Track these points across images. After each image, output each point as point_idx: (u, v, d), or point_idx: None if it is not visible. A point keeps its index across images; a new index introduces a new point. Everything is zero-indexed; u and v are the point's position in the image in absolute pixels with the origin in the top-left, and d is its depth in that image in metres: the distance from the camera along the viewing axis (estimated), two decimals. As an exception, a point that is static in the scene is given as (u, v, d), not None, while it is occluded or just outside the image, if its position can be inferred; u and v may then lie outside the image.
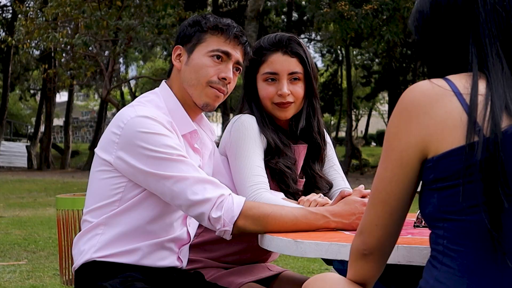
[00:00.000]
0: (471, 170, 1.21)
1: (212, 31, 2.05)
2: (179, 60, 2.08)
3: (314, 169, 2.33)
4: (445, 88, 1.27)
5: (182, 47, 2.08)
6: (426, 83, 1.30)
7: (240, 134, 2.16)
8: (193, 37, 2.06)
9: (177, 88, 2.08)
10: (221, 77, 2.05)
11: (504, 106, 1.23)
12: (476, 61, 1.30)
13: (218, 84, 2.05)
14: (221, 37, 2.05)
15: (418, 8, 1.40)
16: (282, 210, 1.88)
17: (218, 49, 2.04)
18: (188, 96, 2.06)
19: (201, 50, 2.05)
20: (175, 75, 2.10)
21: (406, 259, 1.52)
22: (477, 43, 1.31)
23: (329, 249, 1.62)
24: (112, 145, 1.93)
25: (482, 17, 1.31)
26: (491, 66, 1.28)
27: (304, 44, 2.31)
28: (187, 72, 2.05)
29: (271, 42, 2.26)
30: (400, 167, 1.30)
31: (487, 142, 1.20)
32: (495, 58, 1.29)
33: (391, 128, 1.31)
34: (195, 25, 2.07)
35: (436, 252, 1.29)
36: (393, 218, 1.34)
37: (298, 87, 2.25)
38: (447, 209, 1.26)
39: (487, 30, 1.30)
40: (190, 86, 2.05)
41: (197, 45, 2.05)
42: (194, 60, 2.04)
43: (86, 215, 2.00)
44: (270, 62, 2.25)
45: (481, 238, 1.23)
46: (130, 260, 1.95)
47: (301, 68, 2.26)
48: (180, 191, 1.86)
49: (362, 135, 42.52)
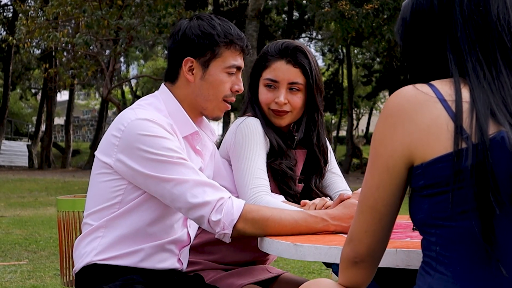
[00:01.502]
0: (460, 177, 1.21)
1: (226, 45, 2.04)
2: (192, 73, 2.05)
3: (312, 182, 2.33)
4: (430, 94, 1.28)
5: (195, 60, 2.04)
6: (410, 89, 1.30)
7: (244, 137, 2.18)
8: (208, 51, 2.03)
9: (184, 96, 2.07)
10: (235, 90, 2.08)
11: (489, 112, 1.23)
12: (455, 67, 1.30)
13: (231, 97, 2.09)
14: (234, 50, 2.06)
15: (402, 15, 1.41)
16: (281, 213, 1.89)
17: (233, 65, 2.06)
18: (197, 106, 2.07)
19: (218, 66, 2.04)
20: (183, 84, 2.07)
21: (404, 263, 1.53)
22: (455, 49, 1.31)
23: (328, 252, 1.63)
24: (112, 147, 1.94)
25: (460, 23, 1.31)
26: (471, 72, 1.28)
27: (312, 55, 2.30)
28: (204, 87, 2.05)
29: (277, 49, 2.27)
30: (387, 173, 1.31)
31: (476, 149, 1.20)
32: (475, 63, 1.29)
33: (377, 134, 1.32)
34: (207, 37, 2.03)
35: (429, 259, 1.30)
36: (382, 224, 1.35)
37: (297, 97, 2.26)
38: (439, 215, 1.26)
39: (465, 36, 1.30)
40: (206, 100, 2.06)
41: (212, 60, 2.04)
42: (212, 77, 2.04)
43: (86, 218, 2.01)
44: (273, 69, 2.26)
45: (474, 245, 1.23)
46: (131, 262, 1.96)
47: (303, 79, 2.26)
48: (180, 194, 1.86)
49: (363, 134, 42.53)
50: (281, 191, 2.26)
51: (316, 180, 2.36)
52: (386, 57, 21.29)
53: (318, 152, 2.33)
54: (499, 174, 1.20)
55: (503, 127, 1.22)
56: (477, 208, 1.21)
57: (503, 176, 1.20)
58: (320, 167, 2.35)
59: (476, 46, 1.30)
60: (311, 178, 2.34)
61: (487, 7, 1.31)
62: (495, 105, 1.24)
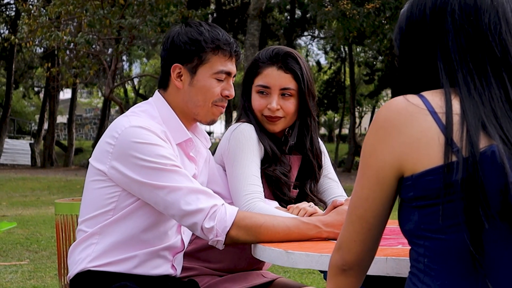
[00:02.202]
0: (450, 190, 1.22)
1: (213, 51, 2.05)
2: (180, 79, 2.07)
3: (306, 187, 2.34)
4: (420, 106, 1.28)
5: (182, 66, 2.06)
6: (401, 101, 1.30)
7: (238, 143, 2.19)
8: (194, 57, 2.04)
9: (175, 103, 2.08)
10: (225, 95, 2.09)
11: (480, 125, 1.24)
12: (446, 77, 1.31)
13: (222, 101, 2.09)
14: (222, 56, 2.06)
15: (399, 23, 1.42)
16: (274, 220, 1.90)
17: (222, 70, 2.06)
18: (189, 112, 2.08)
19: (205, 72, 2.06)
20: (173, 91, 2.09)
21: (395, 271, 1.54)
22: (446, 59, 1.31)
23: (319, 260, 1.64)
24: (106, 155, 1.95)
25: (451, 33, 1.31)
26: (461, 83, 1.29)
27: (303, 60, 2.31)
28: (193, 93, 2.06)
29: (268, 56, 2.29)
30: (377, 185, 1.32)
31: (466, 163, 1.21)
32: (466, 74, 1.29)
33: (367, 145, 1.33)
34: (194, 44, 2.04)
35: (416, 270, 1.30)
36: (371, 234, 1.36)
37: (289, 103, 2.27)
38: (428, 227, 1.26)
39: (456, 46, 1.31)
40: (196, 106, 2.07)
41: (199, 65, 2.05)
42: (200, 82, 2.05)
43: (81, 225, 2.02)
44: (264, 75, 2.28)
45: (461, 258, 1.24)
46: (125, 269, 1.97)
47: (294, 84, 2.27)
48: (174, 201, 1.87)
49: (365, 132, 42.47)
50: (275, 197, 2.27)
51: (311, 184, 2.36)
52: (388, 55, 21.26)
53: (312, 156, 2.34)
54: (489, 188, 1.20)
55: (494, 140, 1.22)
56: (466, 222, 1.21)
57: (493, 191, 1.21)
58: (314, 171, 2.36)
59: (467, 56, 1.30)
60: (306, 183, 2.35)
61: (478, 17, 1.31)
62: (485, 117, 1.24)
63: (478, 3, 1.32)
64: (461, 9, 1.32)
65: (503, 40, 1.30)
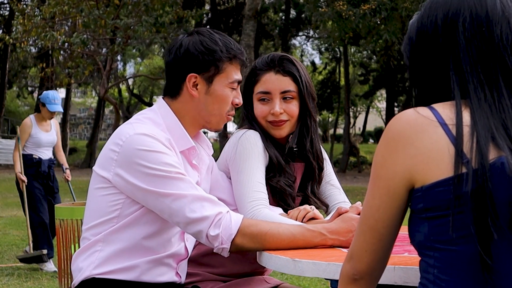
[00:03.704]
0: (460, 201, 1.22)
1: (229, 60, 2.06)
2: (196, 88, 2.06)
3: (308, 189, 2.34)
4: (430, 118, 1.28)
5: (199, 76, 2.05)
6: (411, 113, 1.31)
7: (244, 150, 2.19)
8: (211, 66, 2.04)
9: (186, 111, 2.07)
10: (235, 104, 2.11)
11: (490, 136, 1.24)
12: (457, 88, 1.31)
13: (232, 110, 2.12)
14: (236, 65, 2.08)
15: (408, 34, 1.42)
16: (279, 227, 1.89)
17: (236, 80, 2.08)
18: (201, 120, 2.09)
19: (222, 81, 2.06)
20: (186, 99, 2.07)
21: (402, 280, 1.54)
22: (458, 70, 1.32)
23: (326, 268, 1.63)
24: (110, 162, 1.94)
25: (463, 44, 1.31)
26: (472, 94, 1.29)
27: (300, 63, 2.31)
28: (209, 102, 2.06)
29: (264, 62, 2.30)
30: (387, 195, 1.32)
31: (476, 174, 1.21)
32: (477, 84, 1.29)
33: (378, 157, 1.33)
34: (210, 53, 2.03)
35: (426, 281, 1.30)
36: (382, 244, 1.36)
37: (292, 105, 2.27)
38: (438, 238, 1.27)
39: (467, 57, 1.31)
40: (211, 115, 2.08)
41: (216, 75, 2.05)
42: (217, 92, 2.06)
43: (85, 233, 2.01)
44: (263, 81, 2.28)
45: (471, 269, 1.24)
46: (129, 277, 1.96)
47: (294, 86, 2.27)
48: (178, 208, 1.87)
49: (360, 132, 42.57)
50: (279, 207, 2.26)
51: (313, 187, 2.36)
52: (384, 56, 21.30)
53: (312, 158, 2.33)
54: (498, 200, 1.21)
55: (503, 152, 1.22)
56: (476, 233, 1.21)
57: (502, 202, 1.21)
58: (314, 174, 2.35)
59: (478, 67, 1.30)
60: (307, 185, 2.35)
61: (490, 28, 1.31)
62: (495, 128, 1.25)
63: (489, 14, 1.31)
64: (473, 20, 1.32)
65: None
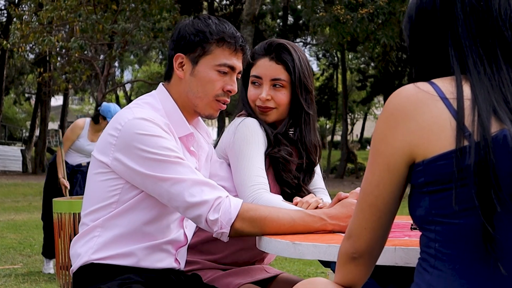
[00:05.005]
0: (463, 174, 1.21)
1: (218, 43, 2.03)
2: (182, 69, 2.05)
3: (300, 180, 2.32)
4: (431, 92, 1.28)
5: (185, 56, 2.04)
6: (411, 88, 1.30)
7: (244, 136, 2.18)
8: (198, 47, 2.02)
9: (178, 94, 2.07)
10: (227, 90, 2.06)
11: (492, 109, 1.24)
12: (457, 63, 1.31)
13: (223, 96, 2.06)
14: (227, 49, 2.04)
15: (408, 12, 1.42)
16: (279, 212, 1.88)
17: (224, 64, 2.03)
18: (189, 103, 2.06)
19: (207, 63, 2.03)
20: (175, 82, 2.07)
21: (403, 261, 1.53)
22: (457, 45, 1.31)
23: (327, 251, 1.62)
24: (109, 147, 1.93)
25: (461, 18, 1.31)
26: (472, 68, 1.29)
27: (300, 54, 2.29)
28: (193, 83, 2.04)
29: (262, 47, 2.31)
30: (387, 171, 1.31)
31: (478, 147, 1.21)
32: (476, 59, 1.29)
33: (378, 133, 1.32)
34: (198, 34, 2.02)
35: (427, 255, 1.29)
36: (382, 221, 1.35)
37: (281, 94, 2.26)
38: (439, 212, 1.26)
39: (466, 32, 1.31)
40: (197, 97, 2.05)
41: (202, 56, 2.03)
42: (201, 73, 2.03)
43: (84, 218, 2.00)
44: (257, 66, 2.29)
45: (473, 242, 1.23)
46: (128, 262, 1.95)
47: (286, 75, 2.26)
48: (178, 193, 1.85)
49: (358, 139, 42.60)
50: (280, 181, 2.26)
51: (304, 178, 2.35)
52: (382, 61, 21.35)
53: (302, 149, 2.32)
54: (501, 172, 1.20)
55: (505, 125, 1.22)
56: (478, 206, 1.21)
57: (505, 174, 1.21)
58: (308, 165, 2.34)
59: (477, 41, 1.30)
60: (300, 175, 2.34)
61: (488, 2, 1.31)
62: (495, 101, 1.24)
63: None
64: None
65: None
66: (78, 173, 6.22)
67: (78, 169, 6.24)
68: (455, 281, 1.23)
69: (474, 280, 1.23)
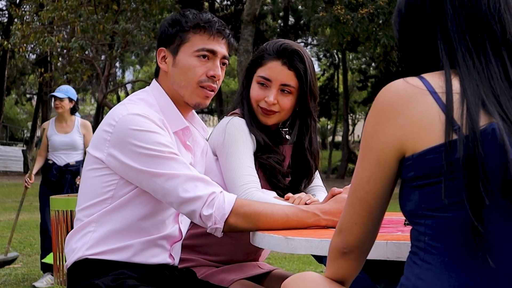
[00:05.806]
0: (452, 167, 1.22)
1: (194, 30, 2.04)
2: (165, 62, 2.07)
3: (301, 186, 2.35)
4: (420, 87, 1.28)
5: (166, 49, 2.07)
6: (400, 83, 1.31)
7: (231, 136, 2.19)
8: (176, 37, 2.04)
9: (167, 88, 2.08)
10: (210, 75, 2.05)
11: (480, 103, 1.24)
12: (446, 57, 1.31)
13: (207, 82, 2.05)
14: (204, 34, 2.04)
15: (398, 6, 1.42)
16: (273, 207, 1.89)
17: (203, 48, 2.04)
18: (178, 96, 2.06)
19: (186, 51, 2.04)
20: (162, 76, 2.10)
21: (395, 255, 1.53)
22: (446, 39, 1.32)
23: (319, 245, 1.63)
24: (103, 142, 1.94)
25: (450, 12, 1.32)
26: (461, 62, 1.29)
27: (310, 61, 2.28)
28: (176, 74, 2.05)
29: (275, 49, 2.26)
30: (378, 166, 1.32)
31: (467, 140, 1.21)
32: (465, 52, 1.29)
33: (368, 128, 1.33)
34: (175, 24, 2.04)
35: (417, 249, 1.30)
36: (372, 216, 1.35)
37: (287, 99, 2.26)
38: (429, 206, 1.26)
39: (455, 26, 1.31)
40: (181, 87, 2.05)
41: (181, 45, 2.04)
42: (181, 62, 2.04)
43: (78, 214, 2.01)
44: (268, 67, 2.26)
45: (462, 235, 1.24)
46: (122, 257, 1.95)
47: (295, 82, 2.25)
48: (172, 188, 1.86)
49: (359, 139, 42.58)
50: (270, 184, 2.27)
51: (305, 184, 2.37)
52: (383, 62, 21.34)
53: (310, 156, 2.33)
54: (489, 166, 1.21)
55: (494, 118, 1.23)
56: (467, 199, 1.21)
57: (493, 167, 1.21)
58: (310, 172, 2.36)
59: (466, 35, 1.30)
60: (301, 182, 2.35)
61: None
62: (484, 95, 1.25)
63: None
64: None
65: (502, 19, 1.31)
66: (67, 173, 6.27)
67: (66, 169, 6.29)
68: (444, 274, 1.24)
69: (463, 273, 1.23)
